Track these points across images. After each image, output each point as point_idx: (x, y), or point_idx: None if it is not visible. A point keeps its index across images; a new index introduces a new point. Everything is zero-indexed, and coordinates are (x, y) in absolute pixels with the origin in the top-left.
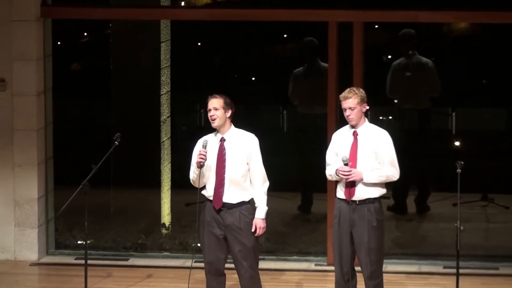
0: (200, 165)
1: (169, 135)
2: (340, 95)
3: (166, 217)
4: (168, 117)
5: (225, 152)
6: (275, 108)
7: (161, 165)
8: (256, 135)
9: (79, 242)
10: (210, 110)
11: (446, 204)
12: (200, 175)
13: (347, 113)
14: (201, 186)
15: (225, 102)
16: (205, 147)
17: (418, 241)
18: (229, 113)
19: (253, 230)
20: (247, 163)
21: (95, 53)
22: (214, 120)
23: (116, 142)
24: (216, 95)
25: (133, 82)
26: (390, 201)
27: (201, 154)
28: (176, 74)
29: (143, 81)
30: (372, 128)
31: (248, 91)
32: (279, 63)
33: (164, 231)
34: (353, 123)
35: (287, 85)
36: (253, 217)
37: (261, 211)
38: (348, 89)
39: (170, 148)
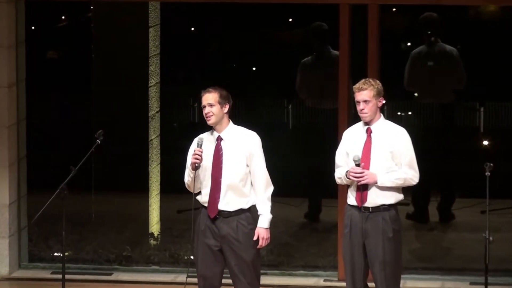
0: (195, 167)
1: (158, 133)
2: (353, 86)
3: (154, 226)
4: (157, 112)
5: (222, 153)
6: (280, 103)
7: (149, 166)
8: (257, 133)
9: (56, 254)
10: (204, 106)
11: (473, 212)
12: (195, 179)
13: (360, 106)
14: (196, 191)
15: (221, 96)
16: (201, 146)
17: (441, 253)
18: (226, 108)
19: (255, 238)
20: (247, 165)
21: (74, 40)
22: (209, 117)
23: (98, 141)
24: (211, 89)
25: (118, 73)
26: (408, 208)
27: (195, 154)
28: (166, 64)
29: (129, 72)
30: (388, 125)
31: (248, 83)
32: (284, 51)
33: (152, 241)
34: (367, 118)
35: (294, 76)
36: (253, 228)
37: (264, 220)
38: (363, 80)
39: (159, 147)
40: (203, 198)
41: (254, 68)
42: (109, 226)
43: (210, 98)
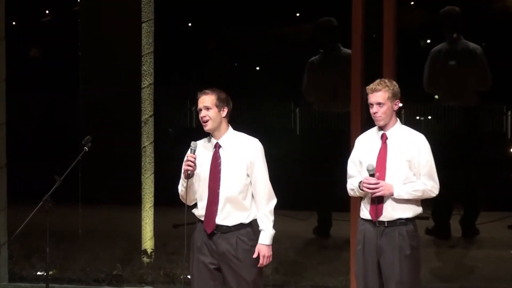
0: (188, 175)
1: (152, 139)
2: (367, 87)
3: (148, 242)
4: (150, 116)
5: (220, 162)
6: (286, 106)
7: (142, 176)
8: (260, 140)
9: (39, 273)
10: (200, 110)
11: (499, 226)
12: (188, 189)
13: (374, 109)
14: (191, 203)
15: (218, 98)
16: (194, 152)
17: (465, 272)
18: (224, 112)
19: (255, 256)
20: (248, 175)
21: (59, 36)
22: (206, 122)
23: (85, 148)
24: (207, 91)
25: (107, 73)
26: (428, 222)
27: (188, 161)
28: (161, 63)
29: (120, 72)
30: (405, 130)
31: (251, 84)
32: (290, 48)
33: (145, 259)
34: (381, 123)
35: (301, 77)
36: (254, 244)
37: (265, 236)
38: (377, 81)
39: (153, 155)
40: (199, 211)
41: (257, 68)
42: (98, 242)
43: (206, 100)
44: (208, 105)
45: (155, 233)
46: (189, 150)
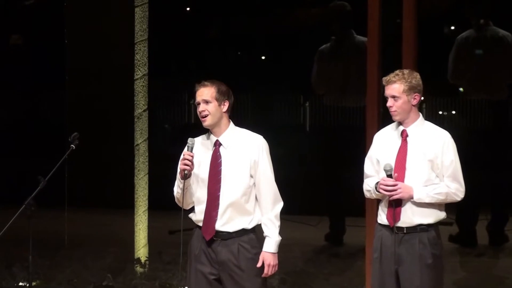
0: (185, 175)
1: (146, 136)
2: (383, 78)
3: (141, 250)
4: (144, 110)
5: (220, 161)
6: (294, 99)
7: (135, 177)
8: (266, 137)
9: (20, 283)
10: (199, 103)
11: None
12: (185, 191)
13: (389, 103)
14: (187, 207)
15: (219, 91)
16: (191, 150)
17: (492, 284)
18: (225, 107)
19: (259, 265)
20: (251, 176)
21: (43, 22)
22: (204, 117)
23: (72, 146)
24: (206, 82)
25: (97, 63)
26: (452, 228)
27: (184, 160)
28: (156, 51)
29: (110, 61)
30: (428, 127)
31: (256, 75)
32: (299, 35)
33: (139, 269)
34: (396, 118)
35: (311, 67)
36: (258, 252)
37: (271, 243)
38: (395, 71)
39: (147, 154)
40: (197, 216)
41: (263, 57)
42: (86, 250)
43: (205, 93)
44: (207, 98)
45: (150, 240)
46: (186, 147)
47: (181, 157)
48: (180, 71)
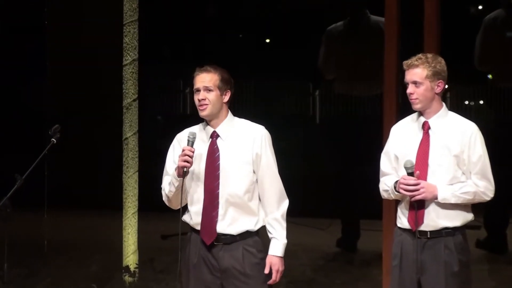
0: (184, 173)
1: (135, 129)
2: (404, 62)
3: (130, 257)
4: (134, 100)
5: (218, 155)
6: (302, 86)
7: (124, 175)
8: (270, 130)
9: None
10: (198, 90)
11: None
12: (182, 190)
13: (409, 90)
14: (178, 207)
15: (222, 80)
16: (192, 144)
17: None
18: (227, 97)
19: (266, 272)
20: (254, 172)
21: (21, 4)
22: (204, 107)
23: (53, 139)
24: (209, 68)
25: (81, 47)
26: (480, 232)
27: (185, 155)
28: (147, 34)
29: (96, 46)
30: (453, 118)
31: (259, 60)
32: (306, 15)
33: (127, 278)
34: (417, 106)
35: (319, 50)
36: (264, 257)
37: (278, 245)
38: (418, 55)
39: (137, 149)
40: (194, 218)
41: (267, 40)
42: (69, 256)
43: (207, 80)
44: (210, 85)
45: (140, 245)
46: (177, 141)
47: (170, 151)
48: (174, 55)
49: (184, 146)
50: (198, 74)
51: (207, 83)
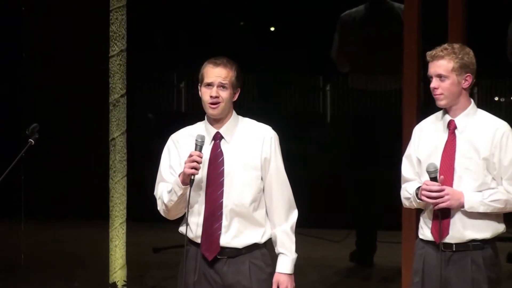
0: (191, 182)
1: (124, 129)
2: (427, 53)
3: (118, 272)
4: (122, 96)
5: (222, 159)
6: (311, 80)
7: (110, 180)
8: (275, 129)
9: None
10: (210, 85)
11: None
12: (185, 200)
13: (433, 84)
14: (177, 217)
15: (237, 77)
16: (201, 149)
17: None
18: (236, 96)
19: None
20: (262, 178)
21: None
22: (216, 106)
23: (31, 140)
24: (226, 61)
25: (61, 36)
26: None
27: (193, 161)
28: (136, 21)
29: (79, 34)
30: (481, 116)
31: (263, 51)
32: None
33: None
34: (442, 103)
35: (331, 40)
36: (272, 272)
37: (286, 261)
38: (443, 45)
39: (125, 151)
40: (193, 230)
41: (271, 29)
42: (49, 271)
43: (223, 75)
44: (225, 82)
45: (128, 259)
46: (174, 144)
47: (165, 156)
48: (167, 45)
49: (192, 151)
50: (213, 67)
51: (222, 79)
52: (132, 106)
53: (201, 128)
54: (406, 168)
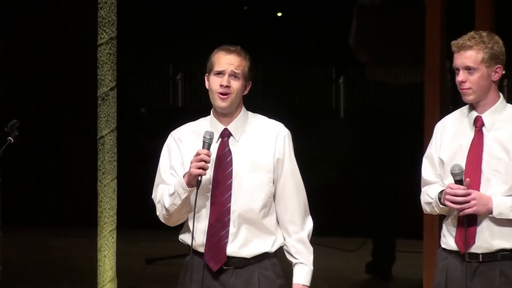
0: (198, 182)
1: (113, 125)
2: (452, 42)
3: (107, 286)
4: (111, 89)
5: (231, 159)
6: (323, 73)
7: (99, 183)
8: (287, 126)
9: None
10: (221, 73)
11: None
12: (189, 203)
13: (460, 77)
14: (178, 223)
15: (250, 69)
16: (209, 147)
17: None
18: (247, 90)
19: None
20: (274, 181)
21: None
22: (226, 96)
23: (10, 138)
24: (240, 50)
25: (44, 21)
26: None
27: (200, 161)
28: (127, 5)
29: (63, 20)
30: (511, 112)
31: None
32: None
33: None
34: (470, 98)
35: (346, 29)
36: (283, 284)
37: (304, 272)
38: (469, 33)
39: (115, 150)
40: (197, 238)
41: (278, 14)
42: (30, 284)
43: (236, 63)
44: (238, 72)
45: (119, 271)
46: (175, 142)
47: (163, 157)
48: (162, 32)
49: (200, 150)
50: (226, 54)
51: (235, 68)
52: (123, 100)
53: (206, 125)
54: (427, 170)
